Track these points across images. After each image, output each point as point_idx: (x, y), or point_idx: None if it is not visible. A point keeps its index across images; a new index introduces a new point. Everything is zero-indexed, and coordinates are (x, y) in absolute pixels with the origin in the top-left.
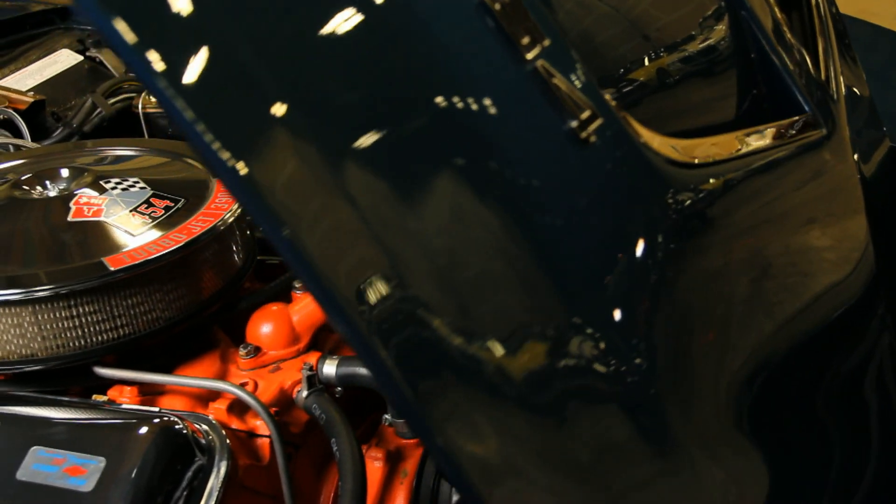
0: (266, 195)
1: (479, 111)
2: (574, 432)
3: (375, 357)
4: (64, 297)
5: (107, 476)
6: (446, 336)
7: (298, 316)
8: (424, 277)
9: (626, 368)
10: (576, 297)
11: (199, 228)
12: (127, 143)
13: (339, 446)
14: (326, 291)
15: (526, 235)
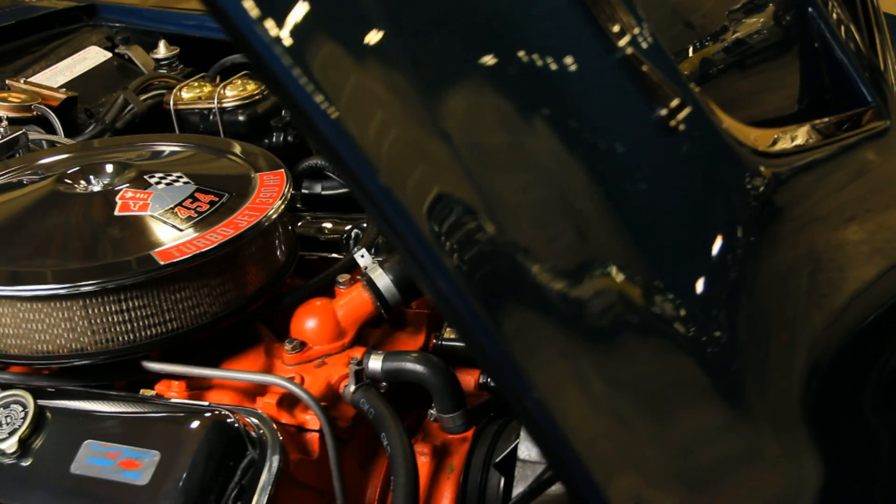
0: (359, 140)
1: (570, 98)
2: (654, 389)
3: (469, 305)
4: (114, 291)
5: (162, 469)
6: (542, 286)
7: (343, 311)
8: (519, 224)
9: (706, 338)
10: (662, 268)
11: (246, 223)
12: (166, 138)
13: (389, 441)
14: (423, 241)
15: (612, 218)
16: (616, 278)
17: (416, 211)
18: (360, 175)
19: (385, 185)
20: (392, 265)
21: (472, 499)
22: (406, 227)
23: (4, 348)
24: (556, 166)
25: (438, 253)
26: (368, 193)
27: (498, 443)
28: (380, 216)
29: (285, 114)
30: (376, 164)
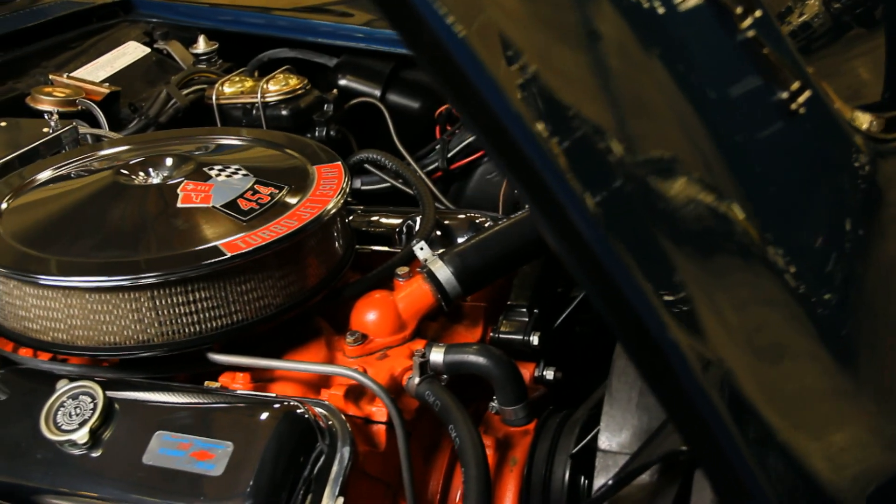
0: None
1: (692, 79)
2: (766, 340)
3: (606, 244)
4: (182, 282)
5: (235, 460)
6: (674, 225)
7: (404, 303)
8: (641, 142)
9: (816, 299)
10: (776, 227)
11: (309, 215)
12: (219, 131)
13: (457, 433)
14: (557, 172)
15: (731, 202)
16: (734, 224)
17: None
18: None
19: (515, 110)
20: (452, 257)
21: (536, 492)
22: (544, 164)
23: (71, 339)
24: (681, 147)
25: (570, 184)
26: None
27: (561, 436)
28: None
29: (327, 108)
30: (509, 98)
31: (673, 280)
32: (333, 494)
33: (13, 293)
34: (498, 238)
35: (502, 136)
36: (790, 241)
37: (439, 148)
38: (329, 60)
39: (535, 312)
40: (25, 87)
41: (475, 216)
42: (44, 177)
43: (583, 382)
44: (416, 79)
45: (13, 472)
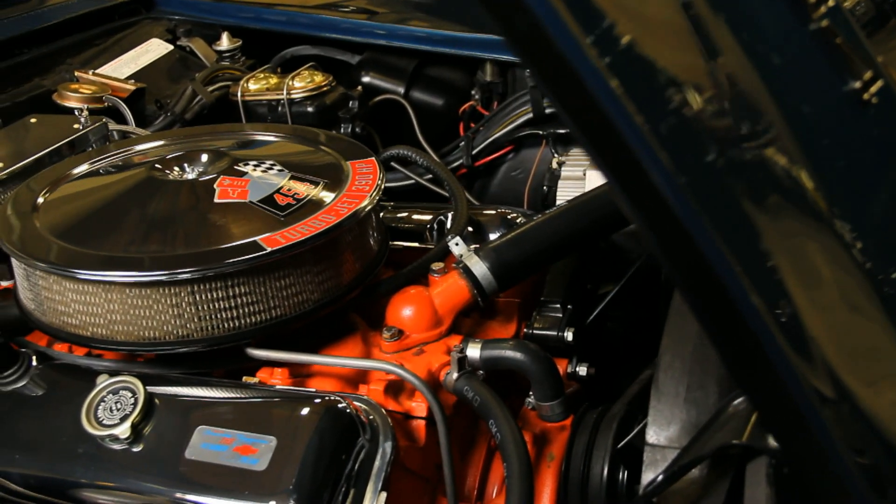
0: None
1: (766, 69)
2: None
3: (690, 208)
4: (222, 277)
5: (279, 455)
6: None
7: (440, 299)
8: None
9: (883, 277)
10: (845, 205)
11: (346, 210)
12: (251, 128)
13: (498, 428)
14: (645, 143)
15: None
16: (806, 193)
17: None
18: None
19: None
20: (487, 252)
21: (575, 488)
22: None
23: (110, 334)
24: (761, 121)
25: (667, 164)
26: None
27: (599, 432)
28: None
29: (352, 105)
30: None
31: (758, 248)
32: (376, 489)
33: (52, 288)
34: (533, 233)
35: (584, 99)
36: (858, 217)
37: (463, 145)
38: (351, 58)
39: (568, 308)
40: (52, 84)
41: (506, 212)
42: (78, 172)
43: (614, 378)
44: (440, 76)
45: (54, 466)
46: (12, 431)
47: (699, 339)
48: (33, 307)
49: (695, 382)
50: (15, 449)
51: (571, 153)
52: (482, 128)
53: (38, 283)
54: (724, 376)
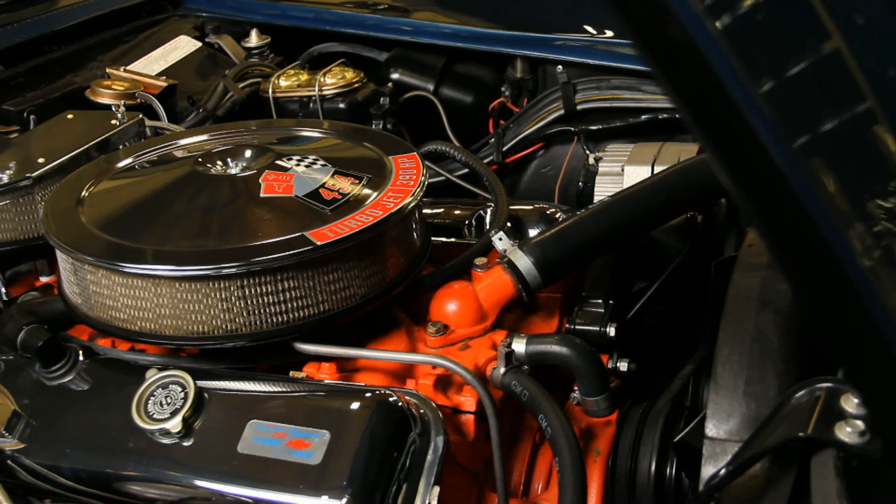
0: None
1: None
2: None
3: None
4: (271, 271)
5: (333, 449)
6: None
7: (484, 294)
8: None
9: None
10: None
11: (393, 204)
12: (289, 123)
13: (548, 422)
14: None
15: None
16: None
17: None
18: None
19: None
20: (531, 247)
21: (622, 483)
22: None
23: (159, 328)
24: None
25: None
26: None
27: (645, 427)
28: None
29: (383, 102)
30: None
31: (865, 211)
32: (429, 483)
33: (101, 282)
34: (577, 229)
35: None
36: None
37: (493, 142)
38: (379, 55)
39: (610, 304)
40: (84, 81)
41: (545, 207)
42: (121, 167)
43: (652, 374)
44: (469, 72)
45: (104, 460)
46: (61, 426)
47: (757, 332)
48: (80, 301)
49: (754, 375)
50: (64, 443)
51: (608, 149)
52: (512, 124)
53: (87, 277)
54: (783, 370)
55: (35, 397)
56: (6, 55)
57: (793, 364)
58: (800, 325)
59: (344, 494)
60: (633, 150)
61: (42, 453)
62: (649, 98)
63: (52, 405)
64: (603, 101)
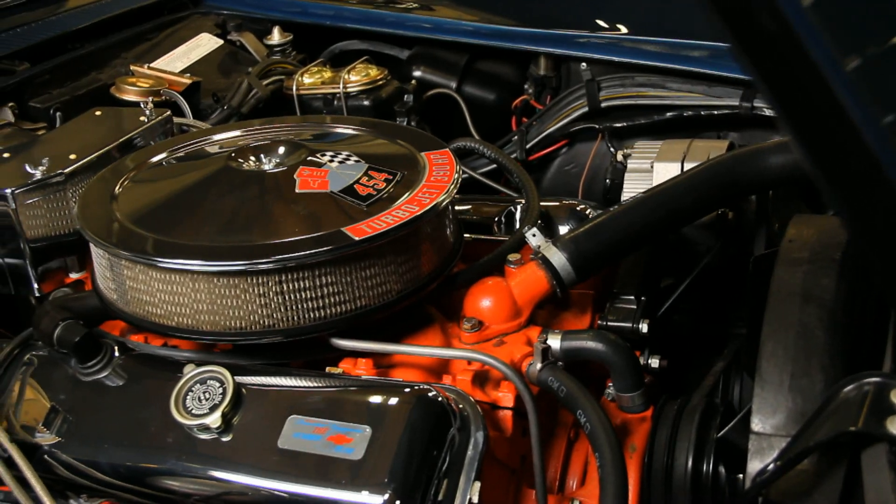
0: None
1: None
2: None
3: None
4: (310, 266)
5: (374, 444)
6: None
7: (518, 290)
8: None
9: None
10: None
11: (429, 200)
12: (317, 119)
13: (587, 418)
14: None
15: None
16: None
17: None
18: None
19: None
20: (565, 243)
21: (658, 479)
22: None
23: (196, 324)
24: None
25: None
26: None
27: (681, 423)
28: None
29: (407, 99)
30: None
31: None
32: (469, 479)
33: (138, 277)
34: (611, 224)
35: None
36: None
37: (517, 139)
38: (400, 52)
39: (642, 300)
40: (108, 78)
41: (573, 203)
42: (154, 162)
43: (681, 371)
44: (491, 70)
45: (142, 455)
46: (98, 421)
47: (801, 327)
48: (115, 297)
49: (799, 370)
50: (102, 438)
51: (637, 146)
52: (535, 122)
53: (123, 272)
54: (829, 364)
55: (71, 393)
56: (31, 52)
57: (838, 359)
58: (843, 319)
59: (386, 490)
60: (661, 146)
61: (79, 449)
62: (674, 95)
63: (88, 401)
64: (627, 98)
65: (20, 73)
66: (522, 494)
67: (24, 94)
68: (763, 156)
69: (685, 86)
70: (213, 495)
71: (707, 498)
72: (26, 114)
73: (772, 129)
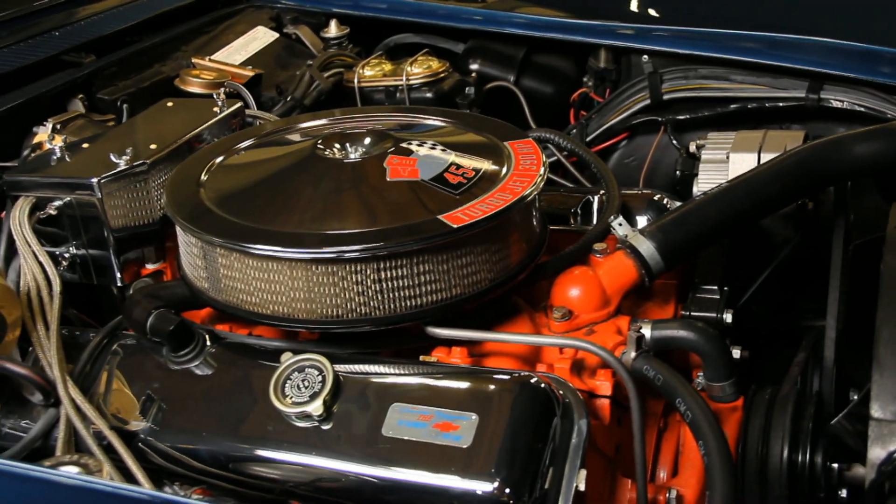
0: None
1: None
2: None
3: None
4: (408, 254)
5: (482, 432)
6: None
7: (607, 279)
8: None
9: None
10: None
11: (521, 188)
12: (395, 110)
13: (687, 406)
14: None
15: None
16: None
17: None
18: None
19: None
20: (653, 232)
21: (752, 469)
22: None
23: (292, 312)
24: None
25: None
26: None
27: (774, 413)
28: None
29: (468, 92)
30: None
31: None
32: (575, 466)
33: (233, 265)
34: (698, 213)
35: None
36: None
37: (575, 132)
38: (455, 46)
39: (725, 290)
40: (170, 71)
41: (650, 193)
42: (238, 151)
43: (758, 362)
44: (549, 63)
45: (241, 443)
46: (193, 410)
47: None
48: (207, 286)
49: None
50: (199, 427)
51: (710, 137)
52: (595, 115)
53: (218, 260)
54: None
55: (163, 381)
56: (97, 45)
57: None
58: None
59: (496, 478)
60: (735, 137)
61: (175, 437)
62: (737, 87)
63: (181, 389)
64: (690, 90)
65: (87, 65)
66: (617, 483)
67: (92, 86)
68: (849, 144)
69: (749, 77)
70: (314, 483)
71: (803, 488)
72: (94, 105)
73: (838, 121)
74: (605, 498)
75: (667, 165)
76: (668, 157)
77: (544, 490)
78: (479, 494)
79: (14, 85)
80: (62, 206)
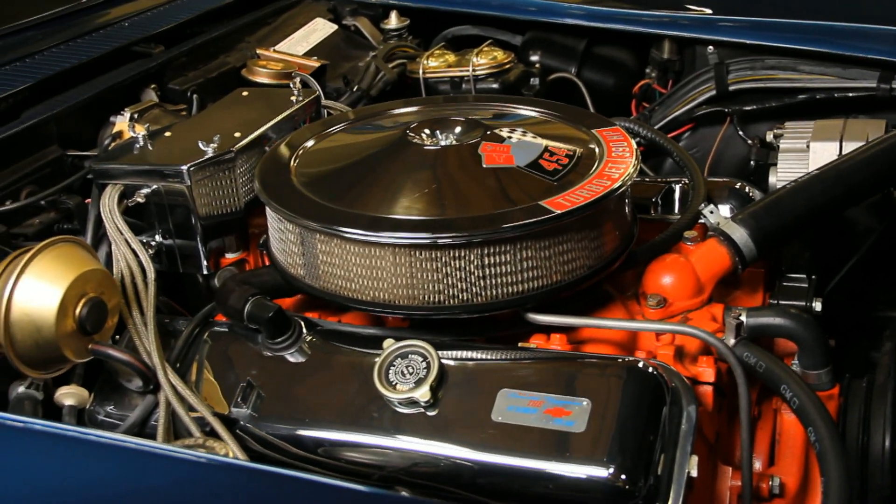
0: None
1: None
2: None
3: None
4: (511, 240)
5: (596, 417)
6: None
7: (700, 266)
8: None
9: None
10: None
11: (618, 174)
12: (477, 99)
13: (794, 393)
14: None
15: None
16: None
17: None
18: None
19: None
20: (745, 219)
21: (852, 457)
22: None
23: (393, 298)
24: None
25: None
26: None
27: (873, 401)
28: None
29: (533, 83)
30: None
31: None
32: (686, 452)
33: (333, 251)
34: (790, 200)
35: None
36: None
37: None
38: (512, 38)
39: (813, 279)
40: (235, 61)
41: (732, 182)
42: (329, 134)
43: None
44: (609, 55)
45: (344, 429)
46: (293, 396)
47: None
48: (302, 273)
49: None
50: (300, 413)
51: (787, 126)
52: (658, 106)
53: (317, 247)
54: None
55: (260, 368)
56: (165, 36)
57: None
58: None
59: (611, 464)
60: (815, 126)
61: (276, 423)
62: (806, 78)
63: (280, 376)
64: (757, 81)
65: (157, 55)
66: (717, 470)
67: (164, 76)
68: None
69: (818, 68)
70: (419, 469)
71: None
72: (164, 96)
73: None
74: (709, 485)
75: (731, 156)
76: (732, 148)
77: (658, 476)
78: (595, 480)
79: (87, 76)
80: (149, 193)
